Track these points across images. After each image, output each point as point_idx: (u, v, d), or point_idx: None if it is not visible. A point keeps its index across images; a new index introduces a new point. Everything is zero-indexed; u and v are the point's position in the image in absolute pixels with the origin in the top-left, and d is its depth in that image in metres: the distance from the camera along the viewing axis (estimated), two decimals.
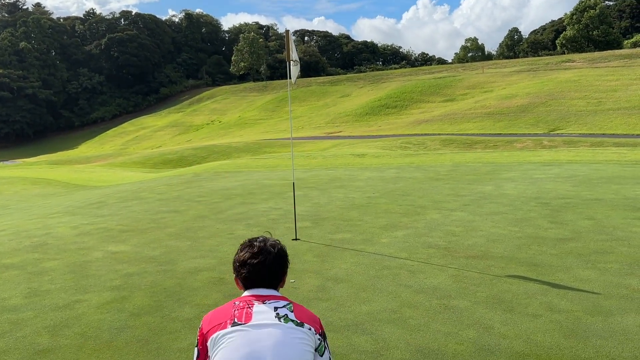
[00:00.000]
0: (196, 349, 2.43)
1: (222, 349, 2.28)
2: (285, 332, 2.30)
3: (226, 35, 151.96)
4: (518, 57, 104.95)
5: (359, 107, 72.42)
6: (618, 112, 45.29)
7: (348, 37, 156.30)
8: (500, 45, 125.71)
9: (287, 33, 9.12)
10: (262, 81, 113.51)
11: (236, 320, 2.33)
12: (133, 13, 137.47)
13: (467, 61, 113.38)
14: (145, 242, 9.40)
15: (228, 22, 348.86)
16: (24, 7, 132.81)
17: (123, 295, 6.60)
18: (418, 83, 77.79)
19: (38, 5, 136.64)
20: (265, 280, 2.46)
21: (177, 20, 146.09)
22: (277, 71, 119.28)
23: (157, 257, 8.33)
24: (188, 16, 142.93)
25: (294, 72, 9.26)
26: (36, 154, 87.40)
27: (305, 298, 6.26)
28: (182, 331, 5.45)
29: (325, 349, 2.42)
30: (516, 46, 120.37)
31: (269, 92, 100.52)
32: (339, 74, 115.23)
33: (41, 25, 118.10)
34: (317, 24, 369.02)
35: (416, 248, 8.35)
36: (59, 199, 18.04)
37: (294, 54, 9.12)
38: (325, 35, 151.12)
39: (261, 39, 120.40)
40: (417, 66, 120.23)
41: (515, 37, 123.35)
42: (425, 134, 47.58)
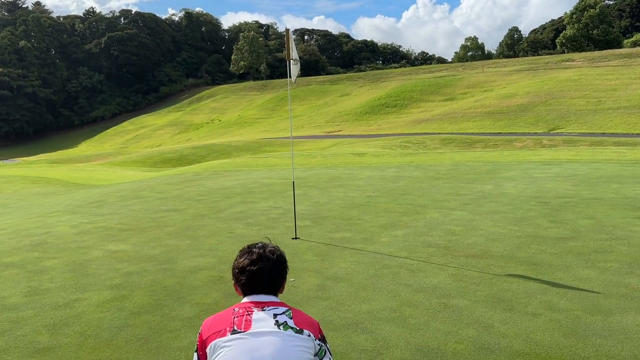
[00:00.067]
0: (195, 354, 2.44)
1: (222, 357, 2.28)
2: (284, 340, 2.30)
3: (226, 34, 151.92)
4: (518, 57, 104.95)
5: (359, 106, 72.42)
6: (618, 112, 45.29)
7: (348, 36, 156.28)
8: (500, 44, 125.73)
9: (287, 32, 9.12)
10: (262, 80, 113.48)
11: (236, 327, 2.33)
12: (133, 12, 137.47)
13: (467, 60, 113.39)
14: (145, 241, 9.40)
15: (228, 21, 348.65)
16: (24, 6, 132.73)
17: (123, 294, 6.60)
18: (418, 82, 77.78)
19: (38, 4, 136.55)
20: (264, 286, 2.46)
21: (177, 19, 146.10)
22: (277, 70, 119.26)
23: (157, 256, 8.33)
24: (188, 15, 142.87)
25: (294, 71, 9.25)
26: (36, 153, 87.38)
27: (305, 297, 6.26)
28: (182, 330, 5.45)
29: (325, 353, 2.43)
30: (516, 45, 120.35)
31: (269, 91, 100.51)
32: (339, 73, 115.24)
33: (41, 24, 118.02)
34: (317, 23, 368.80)
35: (416, 247, 8.35)
36: (59, 198, 18.04)
37: (294, 53, 9.12)
38: (325, 34, 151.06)
39: (261, 38, 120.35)
40: (417, 65, 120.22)
41: (515, 36, 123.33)
42: (425, 133, 47.58)
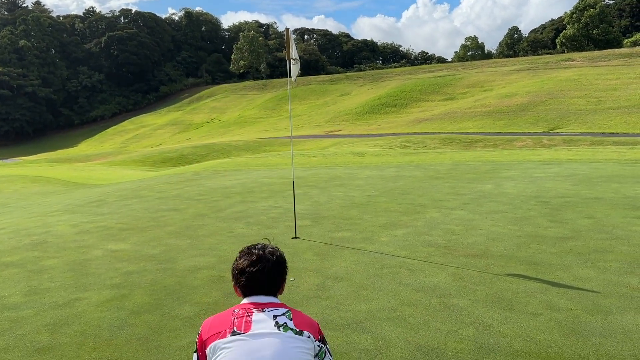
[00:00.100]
0: (195, 355, 2.44)
1: (222, 359, 2.28)
2: (284, 342, 2.30)
3: (226, 33, 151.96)
4: (518, 56, 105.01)
5: (359, 106, 72.43)
6: (618, 111, 45.30)
7: (348, 36, 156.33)
8: (500, 44, 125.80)
9: (287, 31, 9.11)
10: (262, 80, 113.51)
11: (235, 329, 2.33)
12: (133, 11, 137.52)
13: (467, 60, 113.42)
14: (145, 241, 9.40)
15: (228, 21, 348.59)
16: (24, 5, 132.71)
17: (123, 293, 6.60)
18: (418, 82, 77.80)
19: (38, 3, 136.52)
20: (264, 287, 2.46)
21: (177, 18, 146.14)
22: (277, 70, 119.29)
23: (157, 256, 8.33)
24: (188, 14, 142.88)
25: (294, 71, 9.25)
26: (36, 152, 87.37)
27: (305, 296, 6.26)
28: (182, 329, 5.45)
29: (325, 354, 2.43)
30: (516, 45, 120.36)
31: (269, 91, 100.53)
32: (339, 73, 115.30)
33: (41, 23, 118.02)
34: (317, 23, 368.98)
35: (416, 247, 8.35)
36: (59, 197, 18.04)
37: (294, 53, 9.12)
38: (325, 33, 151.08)
39: (261, 38, 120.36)
40: (417, 65, 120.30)
41: (515, 36, 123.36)
42: (425, 133, 47.59)
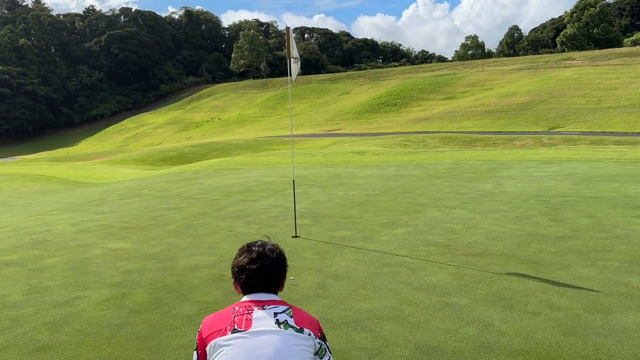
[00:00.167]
0: (195, 353, 2.43)
1: (222, 356, 2.28)
2: (285, 339, 2.30)
3: (226, 32, 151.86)
4: (518, 55, 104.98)
5: (359, 105, 72.41)
6: (618, 110, 45.29)
7: (348, 35, 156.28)
8: (500, 43, 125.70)
9: (288, 30, 9.11)
10: (262, 78, 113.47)
11: (236, 326, 2.32)
12: (133, 10, 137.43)
13: (467, 59, 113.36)
14: (145, 239, 9.40)
15: (228, 19, 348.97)
16: (24, 4, 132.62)
17: (123, 292, 6.60)
18: (418, 81, 77.78)
19: (38, 2, 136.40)
20: (264, 285, 2.45)
21: (177, 17, 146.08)
22: (277, 68, 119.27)
23: (157, 254, 8.33)
24: (188, 13, 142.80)
25: (295, 70, 9.24)
26: (36, 151, 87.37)
27: (305, 295, 6.27)
28: (182, 328, 5.45)
29: (325, 351, 2.43)
30: (516, 44, 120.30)
31: (269, 90, 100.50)
32: (339, 72, 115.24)
33: (41, 22, 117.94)
34: (317, 22, 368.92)
35: (416, 245, 8.35)
36: (59, 196, 18.04)
37: (295, 51, 9.11)
38: (325, 32, 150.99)
39: (261, 36, 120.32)
40: (417, 64, 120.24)
41: (515, 35, 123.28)
42: (425, 132, 47.58)
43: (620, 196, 11.73)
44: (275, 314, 2.37)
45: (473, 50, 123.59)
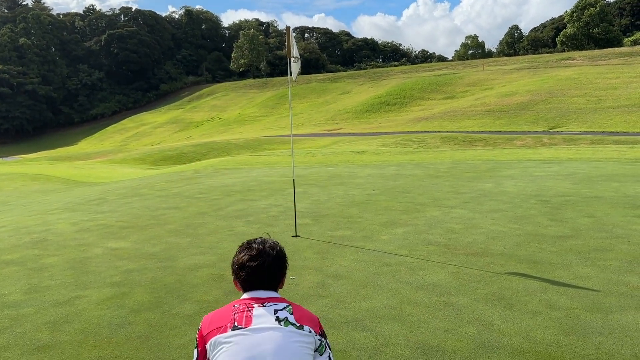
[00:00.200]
0: (195, 350, 2.42)
1: (223, 353, 2.27)
2: (285, 336, 2.30)
3: (226, 31, 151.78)
4: (518, 55, 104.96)
5: (359, 104, 72.41)
6: (618, 110, 45.30)
7: (348, 34, 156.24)
8: (500, 42, 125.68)
9: (288, 30, 9.11)
10: (262, 78, 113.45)
11: (236, 324, 2.32)
12: (133, 9, 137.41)
13: (467, 58, 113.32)
14: (145, 239, 9.40)
15: (228, 19, 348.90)
16: (24, 3, 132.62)
17: (123, 291, 6.60)
18: (418, 80, 77.78)
19: (38, 1, 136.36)
20: (264, 282, 2.45)
21: (177, 16, 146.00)
22: (277, 68, 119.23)
23: (157, 254, 8.33)
24: (188, 12, 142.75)
25: (295, 69, 9.24)
26: (36, 150, 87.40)
27: (305, 295, 6.27)
28: (182, 327, 5.45)
29: (325, 348, 2.43)
30: (516, 44, 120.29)
31: (269, 89, 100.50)
32: (339, 71, 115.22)
33: (41, 21, 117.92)
34: (317, 21, 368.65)
35: (416, 245, 8.35)
36: (59, 195, 18.04)
37: (295, 51, 9.11)
38: (325, 32, 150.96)
39: (261, 36, 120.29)
40: (417, 63, 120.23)
41: (515, 35, 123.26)
42: (425, 132, 47.57)
43: (620, 196, 11.74)
44: (275, 311, 2.37)
45: (473, 49, 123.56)
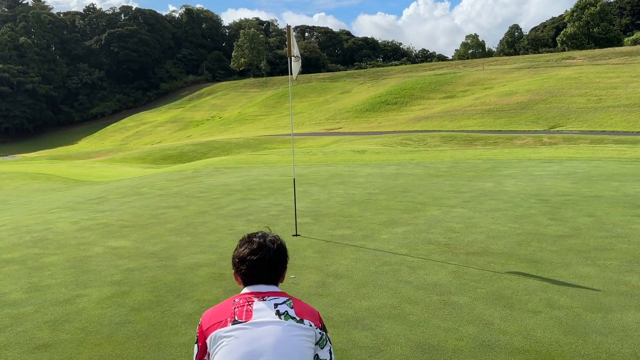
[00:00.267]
0: (196, 346, 2.42)
1: (223, 347, 2.27)
2: (285, 330, 2.30)
3: (226, 30, 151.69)
4: (518, 54, 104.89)
5: (359, 104, 72.38)
6: (618, 110, 45.28)
7: (348, 33, 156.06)
8: (500, 42, 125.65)
9: (289, 29, 9.11)
10: (263, 77, 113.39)
11: (237, 318, 2.32)
12: (133, 8, 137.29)
13: (468, 58, 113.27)
14: (145, 238, 9.41)
15: (228, 18, 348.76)
16: (24, 2, 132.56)
17: (123, 290, 6.61)
18: (418, 80, 77.74)
19: (38, 0, 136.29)
20: (265, 276, 2.45)
21: (178, 15, 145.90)
22: (277, 67, 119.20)
23: (158, 253, 8.33)
24: (188, 12, 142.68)
25: (295, 68, 9.24)
26: (36, 149, 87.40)
27: (305, 294, 6.27)
28: (183, 326, 5.45)
29: (326, 342, 2.43)
30: (516, 43, 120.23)
31: (269, 88, 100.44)
32: (340, 70, 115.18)
33: (41, 20, 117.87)
34: (318, 20, 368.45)
35: (416, 244, 8.35)
36: (59, 194, 18.05)
37: (295, 50, 9.11)
38: (325, 31, 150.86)
39: (261, 35, 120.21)
40: (418, 63, 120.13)
41: (515, 34, 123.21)
42: (425, 131, 47.56)
43: (620, 195, 11.74)
44: (275, 305, 2.37)
45: (473, 49, 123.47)
